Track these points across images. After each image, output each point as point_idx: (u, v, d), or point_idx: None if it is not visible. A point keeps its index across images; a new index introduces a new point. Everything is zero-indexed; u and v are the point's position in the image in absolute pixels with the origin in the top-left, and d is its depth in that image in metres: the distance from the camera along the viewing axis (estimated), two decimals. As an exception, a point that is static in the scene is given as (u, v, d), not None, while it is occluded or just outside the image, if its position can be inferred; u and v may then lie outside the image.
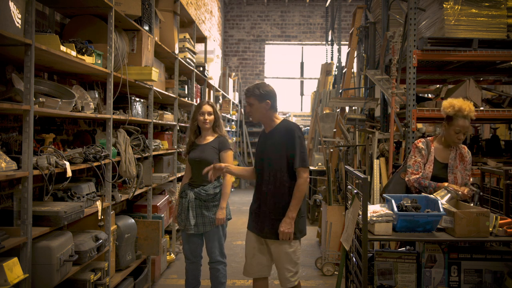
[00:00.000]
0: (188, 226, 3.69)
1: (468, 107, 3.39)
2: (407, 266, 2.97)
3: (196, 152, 3.77)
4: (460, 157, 3.49)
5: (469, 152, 3.54)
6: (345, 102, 6.46)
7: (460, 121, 3.36)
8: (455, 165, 3.46)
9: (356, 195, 3.00)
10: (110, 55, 3.46)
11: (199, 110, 3.78)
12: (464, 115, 3.36)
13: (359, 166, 5.43)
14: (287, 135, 3.05)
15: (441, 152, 3.51)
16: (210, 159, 3.66)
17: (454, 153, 3.49)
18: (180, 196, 3.80)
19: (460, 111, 3.36)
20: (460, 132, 3.38)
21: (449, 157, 3.48)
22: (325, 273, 4.99)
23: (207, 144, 3.77)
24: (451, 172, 3.44)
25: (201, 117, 3.76)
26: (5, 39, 2.32)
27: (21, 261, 2.46)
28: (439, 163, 3.48)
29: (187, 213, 3.69)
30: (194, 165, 3.76)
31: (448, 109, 3.41)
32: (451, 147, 3.49)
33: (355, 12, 7.21)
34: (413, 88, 4.27)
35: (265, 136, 3.20)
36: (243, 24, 13.74)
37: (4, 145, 2.77)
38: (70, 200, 3.07)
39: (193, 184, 3.76)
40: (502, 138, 5.91)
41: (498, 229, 2.82)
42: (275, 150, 3.08)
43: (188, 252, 3.79)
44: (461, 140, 3.42)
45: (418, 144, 3.55)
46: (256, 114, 3.15)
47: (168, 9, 5.24)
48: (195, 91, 6.52)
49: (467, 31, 4.30)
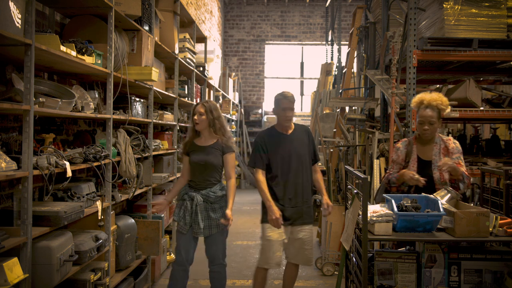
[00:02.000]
0: (197, 229, 3.57)
1: (430, 97, 3.36)
2: (407, 266, 2.97)
3: (200, 155, 3.66)
4: (445, 151, 3.41)
5: (456, 142, 3.45)
6: (345, 102, 6.46)
7: (422, 111, 3.36)
8: (439, 160, 3.37)
9: (356, 195, 3.00)
10: (110, 55, 3.46)
11: (193, 110, 3.72)
12: (425, 105, 3.35)
13: (359, 166, 5.43)
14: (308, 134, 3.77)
15: (424, 150, 3.45)
16: (216, 162, 3.66)
17: (438, 148, 3.41)
18: (182, 198, 3.66)
19: (422, 103, 3.38)
20: (423, 123, 3.34)
21: (432, 153, 3.41)
22: (325, 273, 4.99)
23: (210, 147, 3.68)
24: (435, 168, 3.37)
25: (194, 117, 3.69)
26: (5, 39, 2.32)
27: (21, 261, 2.46)
28: (422, 160, 3.43)
29: (195, 216, 3.56)
30: (198, 168, 3.65)
31: (413, 104, 3.49)
32: (435, 143, 3.42)
33: (355, 12, 7.21)
34: (413, 88, 4.27)
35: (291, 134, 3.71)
36: (243, 24, 13.74)
37: (4, 145, 2.77)
38: (70, 200, 3.07)
39: (197, 187, 3.65)
40: (502, 138, 5.92)
41: (498, 229, 2.82)
42: (302, 147, 3.69)
43: (183, 258, 3.61)
44: (426, 131, 3.35)
45: (397, 144, 3.57)
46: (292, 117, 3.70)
47: (168, 9, 5.24)
48: (195, 91, 6.52)
49: (467, 31, 4.30)
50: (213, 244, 3.67)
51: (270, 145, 3.67)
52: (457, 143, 3.45)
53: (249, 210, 9.07)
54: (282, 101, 3.62)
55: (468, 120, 5.87)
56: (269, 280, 4.88)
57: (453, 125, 7.31)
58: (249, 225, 7.57)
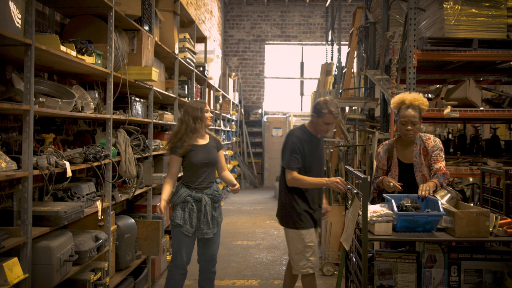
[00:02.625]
0: (207, 230, 3.53)
1: (412, 97, 3.30)
2: (407, 266, 2.97)
3: (201, 154, 3.60)
4: (424, 152, 3.34)
5: (436, 139, 3.36)
6: (345, 102, 6.46)
7: (403, 111, 3.30)
8: (420, 162, 3.32)
9: (356, 195, 3.01)
10: (110, 55, 3.46)
11: (203, 108, 3.64)
12: (406, 105, 3.30)
13: (359, 166, 5.44)
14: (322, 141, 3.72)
15: (404, 152, 3.40)
16: (216, 159, 3.70)
17: (418, 149, 3.35)
18: (185, 201, 3.53)
19: (403, 103, 3.32)
20: (406, 123, 3.28)
21: (413, 156, 3.36)
22: (325, 273, 4.99)
23: (208, 145, 3.67)
24: (417, 170, 3.33)
25: (207, 115, 3.64)
26: (5, 39, 2.33)
27: (21, 261, 2.46)
28: (403, 164, 3.38)
29: (204, 218, 3.52)
30: (202, 167, 3.60)
31: (393, 104, 3.41)
32: (414, 144, 3.36)
33: (355, 12, 7.21)
34: (413, 88, 4.27)
35: (316, 140, 3.61)
36: (243, 24, 13.74)
37: (4, 145, 2.77)
38: (70, 200, 3.07)
39: (199, 187, 3.58)
40: (502, 138, 5.91)
41: (498, 229, 2.83)
42: (321, 153, 3.66)
43: (185, 261, 3.54)
44: (409, 131, 3.28)
45: (378, 148, 3.55)
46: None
47: (168, 9, 5.24)
48: (195, 91, 6.52)
49: (467, 31, 4.30)
50: (214, 243, 3.64)
51: (306, 147, 3.50)
52: (437, 141, 3.36)
53: (249, 210, 9.07)
54: (327, 116, 3.44)
55: (468, 120, 5.86)
56: (269, 280, 4.89)
57: (453, 125, 7.31)
58: (249, 225, 7.57)
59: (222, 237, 6.74)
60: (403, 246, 3.30)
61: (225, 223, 7.76)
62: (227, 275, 5.02)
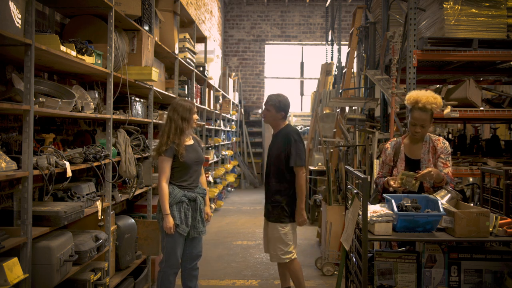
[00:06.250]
0: (201, 229, 3.64)
1: (426, 98, 3.22)
2: (407, 266, 2.97)
3: (193, 153, 3.65)
4: (433, 151, 3.34)
5: (445, 142, 3.36)
6: (345, 102, 6.46)
7: (416, 113, 3.25)
8: (428, 159, 3.32)
9: (356, 195, 3.01)
10: (110, 55, 3.46)
11: (192, 110, 3.65)
12: (419, 107, 3.23)
13: (359, 166, 5.43)
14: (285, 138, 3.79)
15: (412, 149, 3.40)
16: (203, 158, 3.84)
17: (427, 147, 3.35)
18: (180, 201, 3.54)
19: (416, 103, 3.24)
20: (416, 124, 3.26)
21: (421, 152, 3.36)
22: (325, 273, 4.99)
23: (194, 145, 3.73)
24: (424, 167, 3.31)
25: (194, 117, 3.68)
26: (5, 39, 2.33)
27: (21, 261, 2.46)
28: (410, 160, 3.38)
29: (200, 216, 3.63)
30: (194, 167, 3.65)
31: (407, 101, 3.34)
32: (424, 142, 3.36)
33: (355, 12, 7.21)
34: (413, 88, 4.27)
35: (274, 136, 3.95)
36: (243, 24, 13.74)
37: (4, 145, 2.77)
38: (70, 200, 3.07)
39: (191, 187, 3.63)
40: (502, 138, 5.91)
41: (498, 229, 2.82)
42: (276, 150, 3.83)
43: (178, 261, 3.59)
44: (418, 133, 3.28)
45: (386, 144, 3.54)
46: (269, 119, 3.92)
47: (168, 9, 5.24)
48: (195, 91, 6.53)
49: (467, 31, 4.30)
50: (200, 241, 3.74)
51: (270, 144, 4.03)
52: (446, 143, 3.36)
53: (249, 210, 9.07)
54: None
55: (468, 120, 5.86)
56: (269, 280, 4.89)
57: (453, 125, 7.31)
58: (249, 225, 7.57)
59: (222, 237, 6.75)
60: (403, 246, 3.31)
61: (225, 223, 7.75)
62: (227, 275, 5.02)
